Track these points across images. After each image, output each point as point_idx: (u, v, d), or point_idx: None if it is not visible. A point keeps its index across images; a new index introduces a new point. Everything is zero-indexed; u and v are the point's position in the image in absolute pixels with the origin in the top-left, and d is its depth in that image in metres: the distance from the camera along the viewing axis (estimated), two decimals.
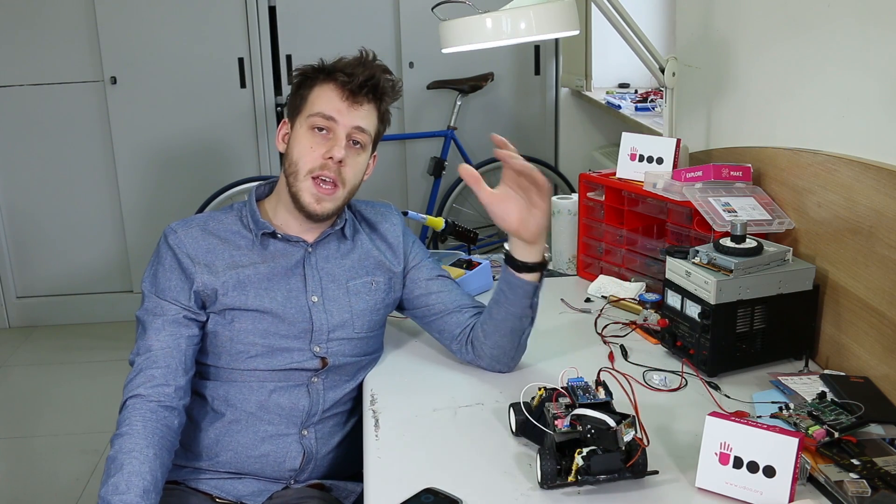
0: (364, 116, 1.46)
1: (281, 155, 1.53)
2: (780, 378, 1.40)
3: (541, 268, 1.42)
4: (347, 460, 1.53)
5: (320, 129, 1.45)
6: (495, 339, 1.47)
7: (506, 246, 1.45)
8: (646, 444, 1.13)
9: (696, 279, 1.45)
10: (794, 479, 1.06)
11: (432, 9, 1.72)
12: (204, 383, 1.48)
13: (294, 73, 1.51)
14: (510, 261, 1.42)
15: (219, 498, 1.45)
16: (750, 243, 1.46)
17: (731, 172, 1.68)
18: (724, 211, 1.58)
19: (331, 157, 1.44)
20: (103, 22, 3.62)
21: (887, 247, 1.31)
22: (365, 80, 1.45)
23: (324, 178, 1.44)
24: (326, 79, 1.46)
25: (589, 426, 1.12)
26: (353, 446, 1.51)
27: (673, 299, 1.52)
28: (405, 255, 1.59)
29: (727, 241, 1.47)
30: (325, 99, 1.45)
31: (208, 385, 1.48)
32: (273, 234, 1.49)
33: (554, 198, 2.04)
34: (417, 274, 1.58)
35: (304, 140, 1.46)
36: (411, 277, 1.58)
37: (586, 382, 1.20)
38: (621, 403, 1.19)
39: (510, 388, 1.43)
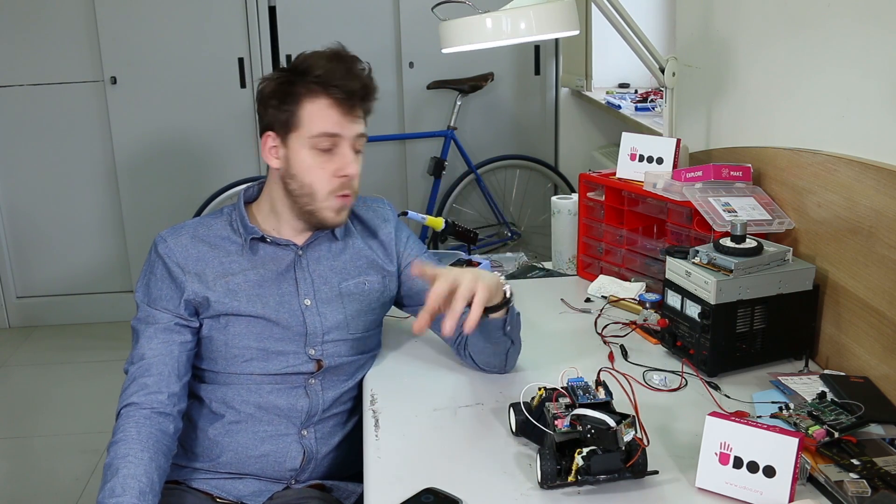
0: (362, 124, 1.46)
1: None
2: (780, 378, 1.40)
3: (505, 304, 1.37)
4: (348, 460, 1.52)
5: (325, 149, 1.43)
6: (483, 358, 1.48)
7: None
8: (646, 444, 1.13)
9: (696, 279, 1.45)
10: (794, 479, 1.06)
11: (432, 9, 1.72)
12: (202, 386, 1.48)
13: (266, 82, 1.45)
14: None
15: (219, 498, 1.45)
16: (750, 243, 1.46)
17: (731, 172, 1.68)
18: (724, 211, 1.58)
19: (345, 175, 1.43)
20: (103, 22, 3.62)
21: (887, 247, 1.31)
22: (361, 92, 1.43)
23: (344, 194, 1.45)
24: (318, 94, 1.41)
25: (589, 426, 1.12)
26: (354, 446, 1.51)
27: (673, 299, 1.51)
28: (398, 253, 1.58)
29: (727, 241, 1.47)
30: (324, 117, 1.41)
31: (206, 388, 1.48)
32: (262, 239, 1.48)
33: (554, 198, 2.04)
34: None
35: (310, 161, 1.42)
36: (407, 274, 1.58)
37: (586, 382, 1.20)
38: (621, 403, 1.19)
39: (510, 388, 1.43)
